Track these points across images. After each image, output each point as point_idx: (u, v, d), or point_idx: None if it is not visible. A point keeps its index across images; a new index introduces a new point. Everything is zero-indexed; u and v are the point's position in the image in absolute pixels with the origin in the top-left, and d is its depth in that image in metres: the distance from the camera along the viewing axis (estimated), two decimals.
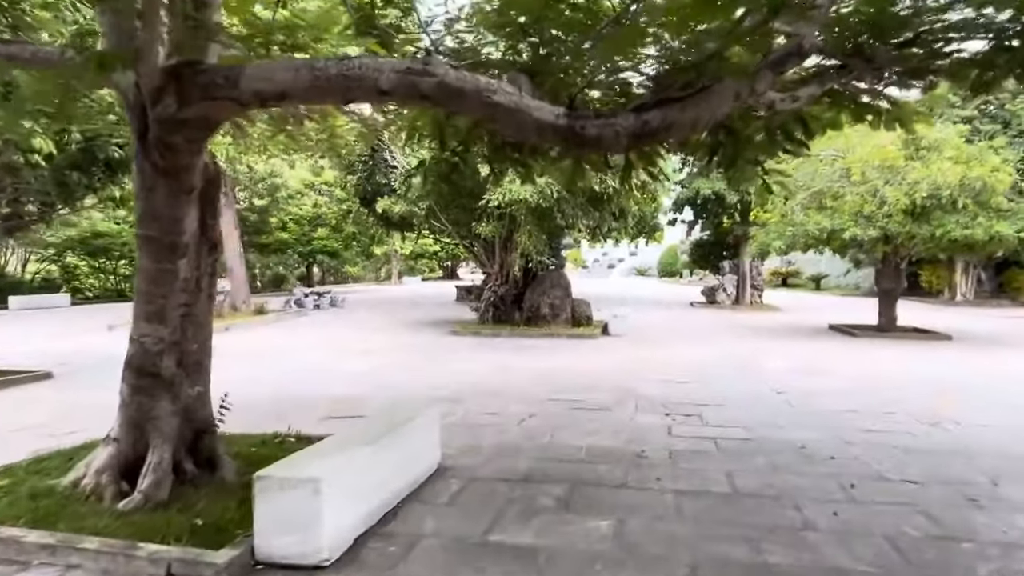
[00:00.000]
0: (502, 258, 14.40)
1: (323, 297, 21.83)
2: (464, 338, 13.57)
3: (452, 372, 9.57)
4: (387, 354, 11.52)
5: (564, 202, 11.97)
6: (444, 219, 14.43)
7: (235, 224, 18.62)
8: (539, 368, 9.90)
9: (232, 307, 18.39)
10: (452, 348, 12.11)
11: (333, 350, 12.06)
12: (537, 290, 14.36)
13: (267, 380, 9.02)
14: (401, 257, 44.69)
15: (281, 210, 28.86)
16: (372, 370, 9.82)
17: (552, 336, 13.42)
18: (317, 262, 34.33)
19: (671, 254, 45.14)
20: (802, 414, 6.81)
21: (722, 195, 20.10)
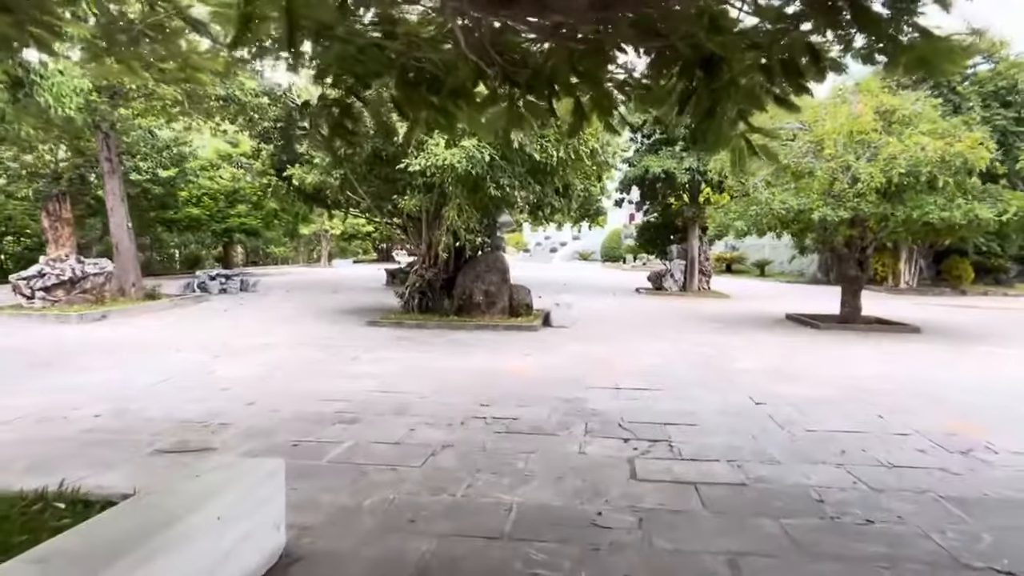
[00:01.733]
0: (429, 237, 12.49)
1: (231, 280, 19.37)
2: (383, 330, 11.64)
3: (357, 377, 7.68)
4: (284, 352, 9.49)
5: (500, 171, 10.16)
6: (362, 191, 12.38)
7: (121, 195, 15.94)
8: (466, 370, 8.13)
9: (119, 291, 15.78)
10: (365, 344, 10.17)
11: (219, 346, 9.93)
12: (470, 275, 12.55)
13: (115, 390, 6.92)
14: (331, 238, 41.92)
15: (190, 183, 25.87)
16: (257, 376, 7.82)
17: (486, 328, 11.66)
18: (235, 241, 31.35)
19: (614, 238, 44.09)
20: (796, 438, 5.29)
21: (672, 174, 18.74)
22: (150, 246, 33.87)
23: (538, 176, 11.05)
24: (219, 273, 19.45)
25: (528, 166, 10.66)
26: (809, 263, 29.45)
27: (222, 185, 28.40)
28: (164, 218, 26.00)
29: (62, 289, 13.59)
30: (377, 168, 12.05)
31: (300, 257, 47.40)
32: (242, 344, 10.13)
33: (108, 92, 13.66)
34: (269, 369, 8.19)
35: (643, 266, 37.12)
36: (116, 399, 6.58)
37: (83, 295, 13.84)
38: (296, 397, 6.67)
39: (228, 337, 10.83)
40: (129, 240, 16.19)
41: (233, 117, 17.58)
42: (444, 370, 8.13)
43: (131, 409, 6.18)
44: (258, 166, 25.81)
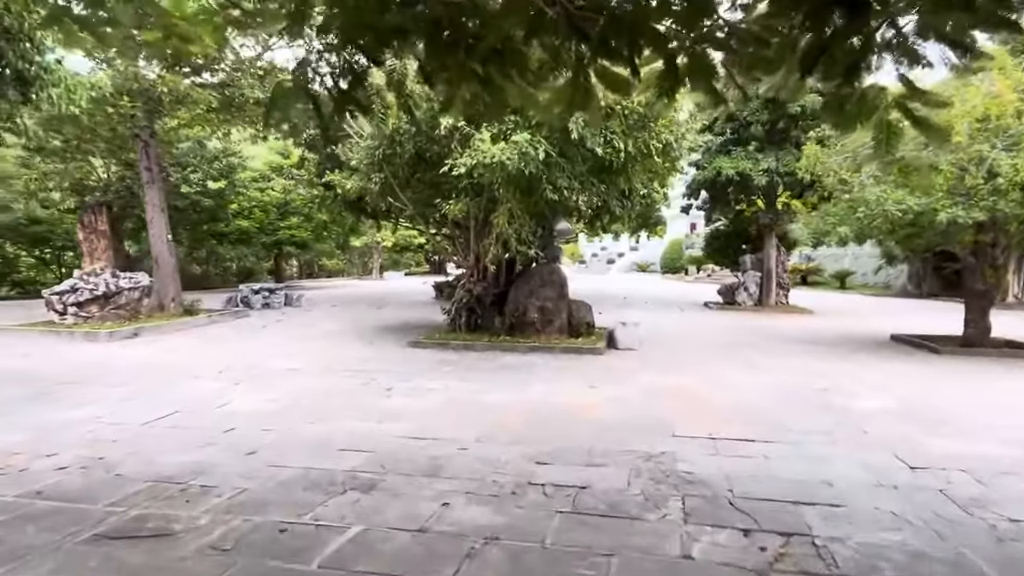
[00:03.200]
0: (477, 248, 11.15)
1: (274, 294, 18.57)
2: (425, 352, 10.33)
3: (387, 416, 6.35)
4: (310, 380, 8.28)
5: (557, 170, 8.72)
6: (405, 197, 11.17)
7: (161, 206, 15.32)
8: (519, 407, 6.68)
9: (158, 306, 15.11)
10: (403, 370, 8.87)
11: (242, 371, 8.82)
12: (523, 289, 11.14)
13: (104, 430, 5.81)
14: (382, 250, 41.38)
15: (240, 195, 25.51)
16: (272, 412, 6.59)
17: (542, 350, 10.19)
18: (285, 254, 30.97)
19: (675, 249, 41.95)
20: (1002, 534, 3.61)
21: (747, 176, 16.88)
22: (206, 259, 34.03)
23: (601, 176, 9.56)
24: (262, 287, 18.71)
25: (589, 164, 9.19)
26: (897, 274, 26.75)
27: (273, 197, 28.03)
28: (215, 231, 25.71)
29: (96, 304, 12.91)
30: (420, 171, 10.82)
31: (353, 270, 47.19)
32: (267, 368, 8.99)
33: (142, 97, 12.99)
34: (287, 403, 6.95)
35: (708, 278, 34.92)
36: (97, 444, 5.45)
37: (117, 311, 13.14)
38: (308, 445, 5.37)
39: (255, 359, 9.74)
40: (169, 253, 15.53)
41: (276, 123, 16.80)
42: (492, 407, 6.71)
43: (106, 460, 5.01)
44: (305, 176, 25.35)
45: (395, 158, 10.36)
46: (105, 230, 13.67)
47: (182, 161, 22.27)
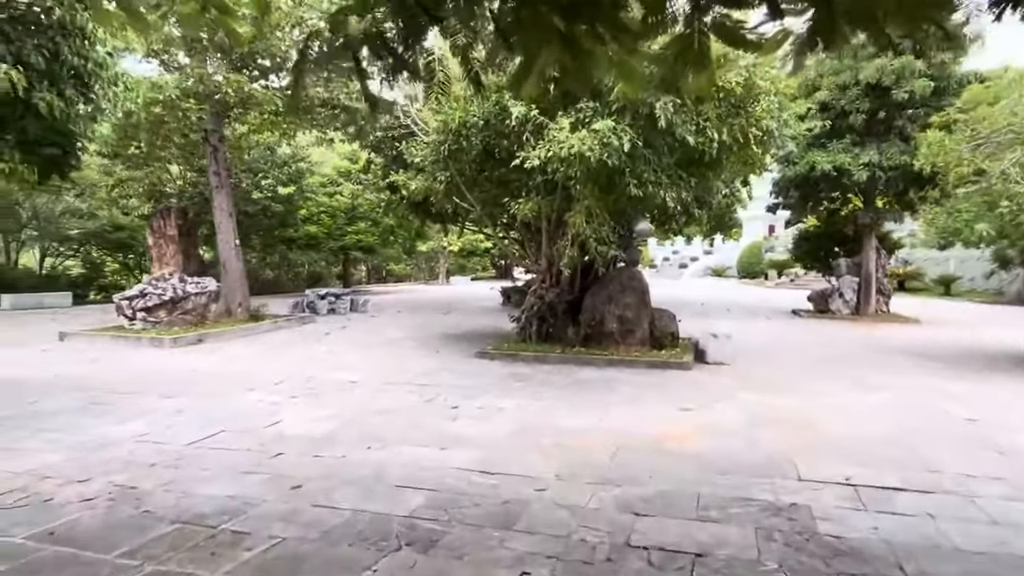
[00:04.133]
0: (550, 251, 10.27)
1: (340, 300, 18.28)
2: (494, 365, 9.52)
3: (451, 442, 5.55)
4: (369, 394, 7.61)
5: (641, 162, 7.73)
6: (472, 197, 10.43)
7: (229, 211, 15.23)
8: (601, 435, 5.75)
9: (226, 311, 15.01)
10: (470, 385, 8.08)
11: (300, 383, 8.26)
12: (600, 296, 10.17)
13: (146, 450, 5.26)
14: (449, 254, 41.12)
15: (308, 200, 25.62)
16: (324, 435, 5.92)
17: (621, 363, 9.20)
18: (352, 259, 31.03)
19: (753, 252, 39.73)
20: None
21: (845, 170, 15.28)
22: (278, 264, 34.64)
23: (690, 169, 8.50)
24: (328, 292, 18.47)
25: (678, 156, 8.15)
26: (1011, 279, 24.07)
27: (341, 203, 28.09)
28: (285, 236, 25.92)
29: (163, 310, 12.82)
30: (488, 169, 10.05)
31: (420, 274, 47.25)
32: (325, 380, 8.39)
33: (208, 101, 12.83)
34: (343, 422, 6.27)
35: (791, 283, 32.75)
36: (133, 468, 4.89)
37: (184, 316, 13.01)
38: (362, 478, 4.63)
39: (314, 370, 9.19)
40: (236, 258, 15.43)
41: (342, 127, 16.54)
42: (571, 433, 5.80)
43: (137, 491, 4.42)
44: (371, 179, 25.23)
45: (461, 154, 9.64)
46: (174, 235, 13.62)
47: (253, 167, 22.47)
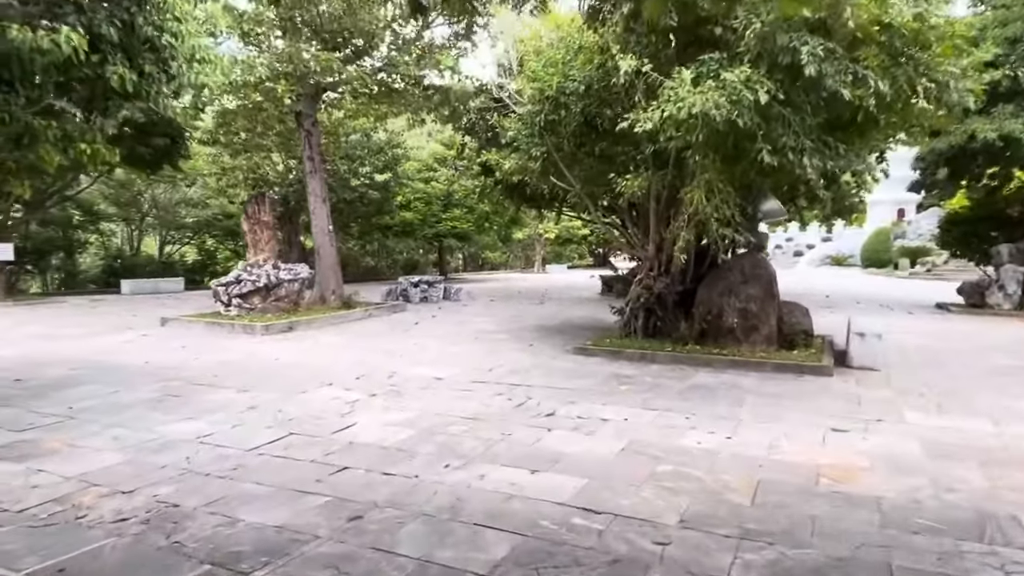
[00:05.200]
0: (659, 234, 9.03)
1: (433, 287, 17.78)
2: (594, 362, 8.44)
3: (546, 458, 4.57)
4: (454, 394, 6.77)
5: (779, 123, 6.33)
6: (569, 174, 9.35)
7: (323, 196, 15.00)
8: (731, 460, 4.55)
9: (320, 298, 14.85)
10: (568, 388, 7.06)
11: (381, 379, 7.58)
12: (718, 286, 8.82)
13: (206, 454, 4.67)
14: (545, 242, 40.13)
15: (404, 186, 25.46)
16: (398, 444, 5.11)
17: (744, 365, 7.85)
18: (446, 246, 30.74)
19: (880, 239, 35.83)
20: None
21: (1015, 139, 12.81)
22: (377, 252, 35.09)
23: (835, 134, 6.96)
24: (421, 280, 18.02)
25: (824, 115, 6.67)
26: None
27: (436, 189, 27.81)
28: (381, 223, 25.94)
29: (258, 296, 12.71)
30: (589, 143, 8.93)
31: (516, 263, 46.68)
32: (408, 376, 7.66)
33: (300, 82, 12.50)
34: (421, 429, 5.44)
35: (927, 273, 29.19)
36: (185, 479, 4.29)
37: (277, 303, 12.85)
38: (436, 509, 3.74)
39: (398, 364, 8.50)
40: (330, 244, 15.21)
41: (435, 107, 15.90)
42: (693, 458, 4.64)
43: (180, 510, 3.77)
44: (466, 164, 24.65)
45: (559, 126, 8.59)
46: (269, 220, 13.49)
47: (351, 154, 22.49)
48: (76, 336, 11.37)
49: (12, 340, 10.96)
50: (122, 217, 26.15)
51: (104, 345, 10.29)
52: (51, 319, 14.10)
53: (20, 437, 5.35)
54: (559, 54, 8.43)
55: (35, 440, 5.26)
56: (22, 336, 11.44)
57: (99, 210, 25.12)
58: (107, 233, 27.09)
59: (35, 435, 5.40)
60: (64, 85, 6.82)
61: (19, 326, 12.89)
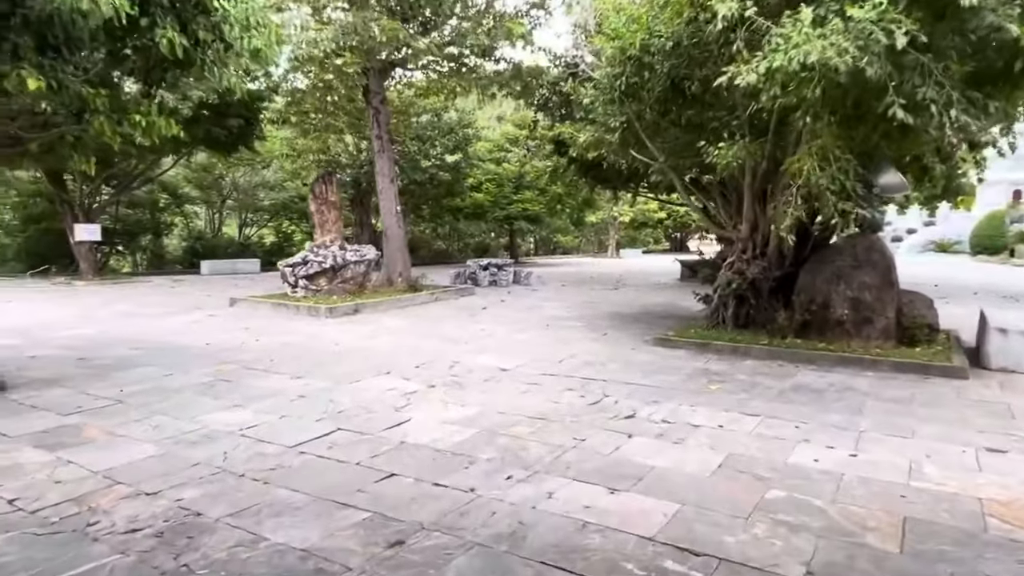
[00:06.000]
0: (753, 212, 7.98)
1: (502, 271, 17.16)
2: (677, 355, 7.54)
3: (627, 472, 3.80)
4: (519, 388, 6.08)
5: (915, 72, 5.19)
6: (652, 146, 8.41)
7: (391, 176, 14.60)
8: (863, 491, 3.61)
9: (387, 280, 14.53)
10: (648, 384, 6.23)
11: (441, 369, 6.99)
12: (823, 271, 7.70)
13: (244, 452, 4.21)
14: (620, 225, 38.79)
15: (474, 167, 24.91)
16: (456, 447, 4.47)
17: (857, 362, 6.76)
18: (517, 229, 30.06)
19: (993, 223, 32.46)
20: None
21: None
22: (448, 234, 34.90)
23: (983, 88, 5.73)
24: (490, 263, 17.43)
25: (972, 62, 5.47)
26: None
27: (508, 170, 27.13)
28: (451, 205, 25.55)
29: (324, 278, 12.45)
30: (675, 109, 7.96)
31: (588, 247, 45.56)
32: (471, 366, 7.03)
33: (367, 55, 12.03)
34: (482, 430, 4.78)
35: None
36: (215, 481, 3.82)
37: (343, 285, 12.55)
38: (491, 540, 3.05)
39: (462, 351, 7.90)
40: (398, 225, 14.83)
41: (506, 82, 15.16)
42: (810, 480, 3.76)
43: (201, 520, 3.27)
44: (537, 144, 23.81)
45: (641, 90, 7.66)
46: (335, 200, 13.20)
47: (421, 134, 22.12)
48: (150, 315, 11.45)
49: (96, 318, 11.11)
50: (204, 200, 26.96)
51: (172, 325, 10.24)
52: (134, 298, 14.42)
53: (64, 422, 5.07)
54: (643, 8, 7.49)
55: (77, 426, 4.96)
56: (106, 314, 11.61)
57: (183, 193, 25.97)
58: (190, 215, 28.04)
59: (79, 419, 5.12)
60: (117, 53, 6.53)
61: (107, 304, 13.19)
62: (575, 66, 11.79)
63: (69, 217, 18.46)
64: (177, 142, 16.92)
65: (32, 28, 5.29)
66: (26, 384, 6.30)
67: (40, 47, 5.49)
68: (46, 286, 17.51)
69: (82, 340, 8.91)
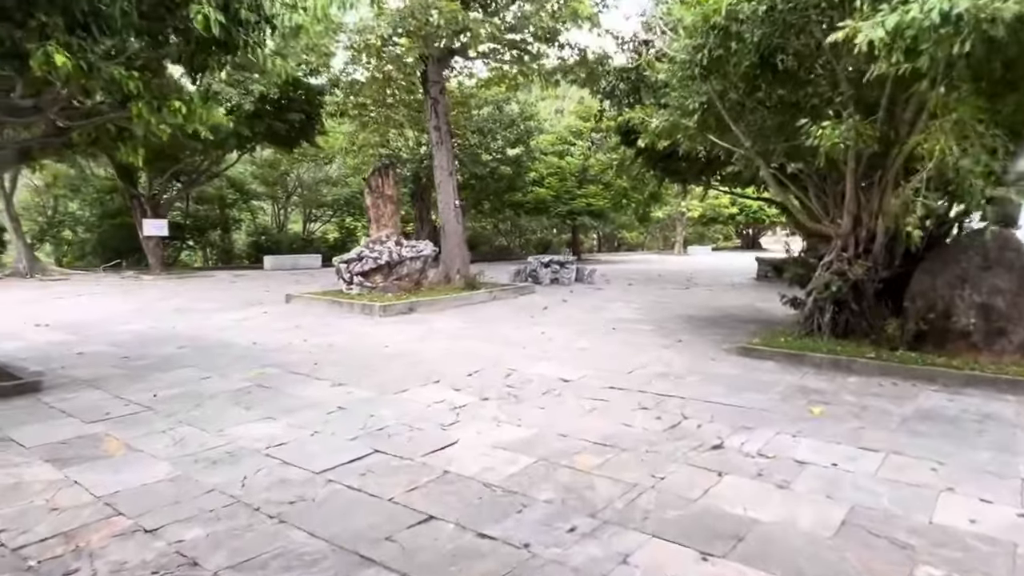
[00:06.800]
0: (857, 203, 6.89)
1: (565, 268, 16.34)
2: (764, 368, 6.57)
3: (721, 532, 2.96)
4: (585, 408, 5.30)
5: None
6: (736, 128, 7.43)
7: (449, 169, 14.05)
8: None
9: (445, 277, 14.01)
10: (737, 402, 5.33)
11: (494, 379, 6.29)
12: (944, 272, 6.55)
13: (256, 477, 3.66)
14: (687, 221, 37.18)
15: (536, 160, 24.13)
16: (508, 481, 3.76)
17: (993, 385, 5.63)
18: (580, 225, 29.09)
19: None
20: None
21: None
22: (508, 230, 34.31)
23: None
24: (552, 260, 16.64)
25: None
26: None
27: (571, 164, 26.24)
28: (513, 200, 24.88)
29: (379, 274, 12.00)
30: (765, 87, 6.96)
31: (653, 243, 44.06)
32: (529, 376, 6.29)
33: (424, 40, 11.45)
34: (539, 459, 4.03)
35: None
36: (231, 513, 3.25)
37: (399, 282, 12.07)
38: None
39: (519, 358, 7.17)
40: (456, 221, 14.26)
41: (570, 68, 14.33)
42: (970, 551, 2.83)
43: (197, 570, 2.66)
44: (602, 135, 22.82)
45: (726, 65, 6.72)
46: (392, 194, 12.73)
47: (482, 127, 21.53)
48: (205, 311, 11.29)
49: (149, 313, 11.05)
50: (270, 195, 27.31)
51: (224, 321, 9.98)
52: (194, 293, 14.44)
53: (86, 431, 4.66)
54: None
55: (97, 436, 4.53)
56: (162, 309, 11.55)
57: (250, 189, 26.36)
58: (256, 211, 28.51)
59: (102, 428, 4.70)
60: (157, 36, 6.14)
61: (163, 299, 13.21)
62: (647, 43, 10.85)
63: (138, 212, 18.86)
64: (240, 137, 17.06)
65: (58, 4, 4.89)
66: (63, 385, 6.01)
67: (70, 27, 5.11)
68: (116, 280, 17.93)
69: (132, 336, 8.72)
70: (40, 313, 10.95)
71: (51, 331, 9.18)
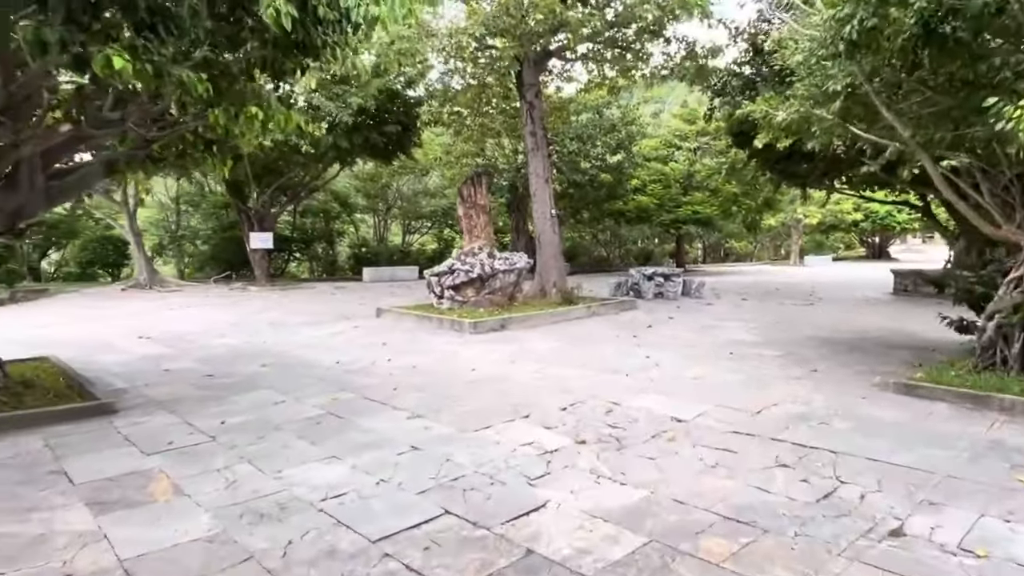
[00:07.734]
0: None
1: (670, 281, 15.07)
2: (934, 410, 5.22)
3: None
4: (703, 461, 4.28)
5: None
6: (889, 115, 6.10)
7: (546, 176, 13.30)
8: None
9: (540, 291, 13.24)
10: (904, 465, 4.12)
11: (593, 418, 5.38)
12: None
13: (301, 546, 2.96)
14: (804, 228, 34.30)
15: (638, 167, 22.90)
16: (616, 565, 2.87)
17: None
18: (684, 234, 27.34)
19: None
20: None
21: None
22: (609, 241, 33.13)
23: None
24: (656, 272, 15.42)
25: None
26: None
27: (675, 170, 24.78)
28: (613, 209, 23.77)
29: (471, 288, 11.41)
30: (930, 63, 5.64)
31: (763, 253, 41.21)
32: (634, 411, 5.34)
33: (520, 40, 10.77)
34: (652, 537, 3.11)
35: None
36: None
37: (491, 296, 11.42)
38: None
39: (622, 389, 6.21)
40: (553, 231, 13.47)
41: (678, 65, 13.20)
42: None
43: None
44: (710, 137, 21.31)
45: (881, 38, 5.48)
46: (485, 204, 12.14)
47: (581, 133, 20.67)
48: (296, 324, 11.16)
49: (245, 326, 11.05)
50: (371, 208, 27.79)
51: (312, 337, 9.71)
52: (293, 305, 14.54)
53: (141, 465, 4.25)
54: None
55: (149, 474, 4.10)
56: (256, 322, 11.56)
57: (352, 202, 26.94)
58: (359, 224, 29.13)
59: (158, 463, 4.27)
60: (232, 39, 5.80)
61: (262, 311, 13.34)
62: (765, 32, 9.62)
63: (246, 226, 19.52)
64: (339, 150, 17.24)
65: (120, 2, 4.57)
66: (139, 406, 5.77)
67: (136, 28, 4.80)
68: (224, 291, 18.60)
69: (224, 351, 8.59)
70: (147, 325, 11.23)
71: (151, 343, 9.26)
